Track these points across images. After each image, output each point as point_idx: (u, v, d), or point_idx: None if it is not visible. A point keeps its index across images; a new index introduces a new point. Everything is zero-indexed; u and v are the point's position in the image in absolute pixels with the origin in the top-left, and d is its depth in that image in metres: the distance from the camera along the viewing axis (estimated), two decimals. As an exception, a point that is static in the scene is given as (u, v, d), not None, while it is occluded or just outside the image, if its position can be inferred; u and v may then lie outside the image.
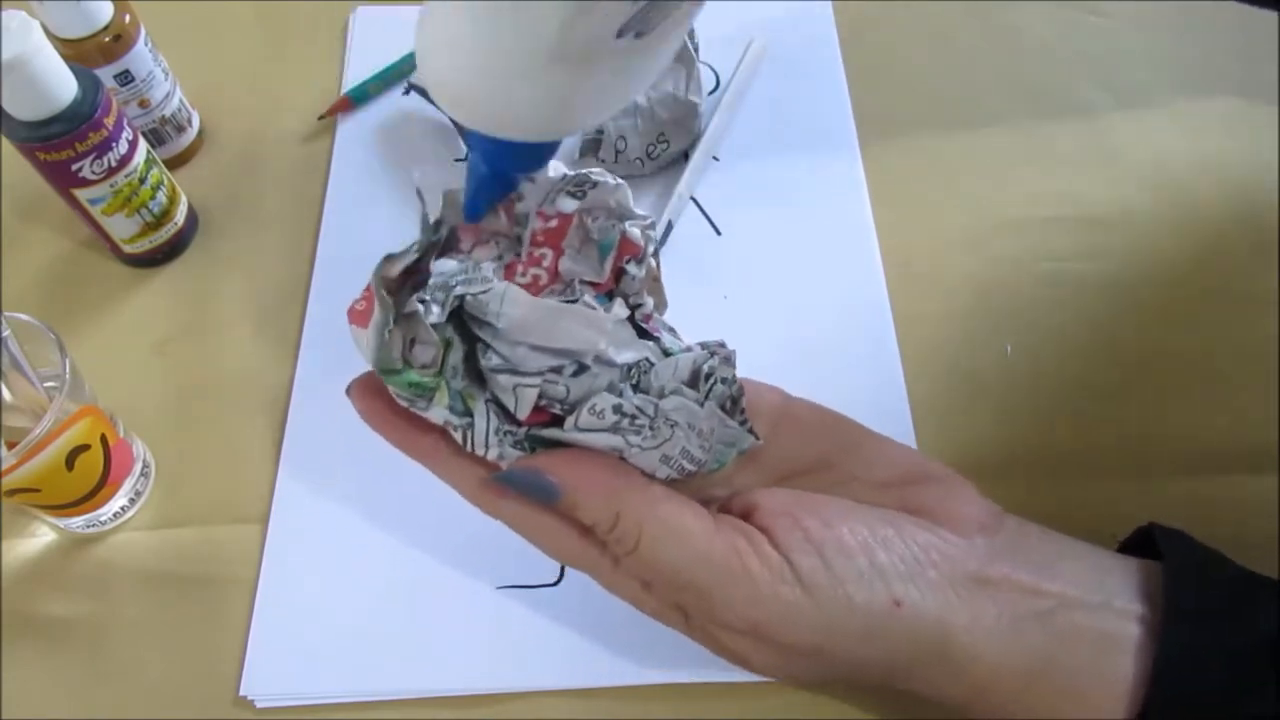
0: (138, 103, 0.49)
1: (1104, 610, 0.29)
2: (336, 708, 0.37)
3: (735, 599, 0.27)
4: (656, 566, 0.27)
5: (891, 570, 0.28)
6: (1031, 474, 0.41)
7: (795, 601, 0.27)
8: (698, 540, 0.27)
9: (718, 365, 0.29)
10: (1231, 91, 0.52)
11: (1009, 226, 0.49)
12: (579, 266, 0.29)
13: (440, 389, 0.27)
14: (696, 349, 0.30)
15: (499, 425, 0.27)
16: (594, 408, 0.27)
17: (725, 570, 0.27)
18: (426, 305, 0.27)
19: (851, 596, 0.27)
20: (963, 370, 0.44)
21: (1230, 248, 0.47)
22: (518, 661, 0.38)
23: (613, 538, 0.27)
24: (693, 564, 0.27)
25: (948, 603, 0.28)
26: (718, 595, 0.27)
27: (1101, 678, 0.28)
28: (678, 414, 0.27)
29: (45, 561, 0.41)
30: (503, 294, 0.27)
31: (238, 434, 0.44)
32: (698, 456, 0.28)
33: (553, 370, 0.27)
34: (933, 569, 0.28)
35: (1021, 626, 0.28)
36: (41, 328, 0.37)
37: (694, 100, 0.49)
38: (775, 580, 0.27)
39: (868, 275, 0.47)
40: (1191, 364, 0.44)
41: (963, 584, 0.28)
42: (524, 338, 0.27)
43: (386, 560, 0.40)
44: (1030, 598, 0.29)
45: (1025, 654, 0.28)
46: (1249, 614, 0.28)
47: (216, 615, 0.39)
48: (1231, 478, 0.41)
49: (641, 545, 0.27)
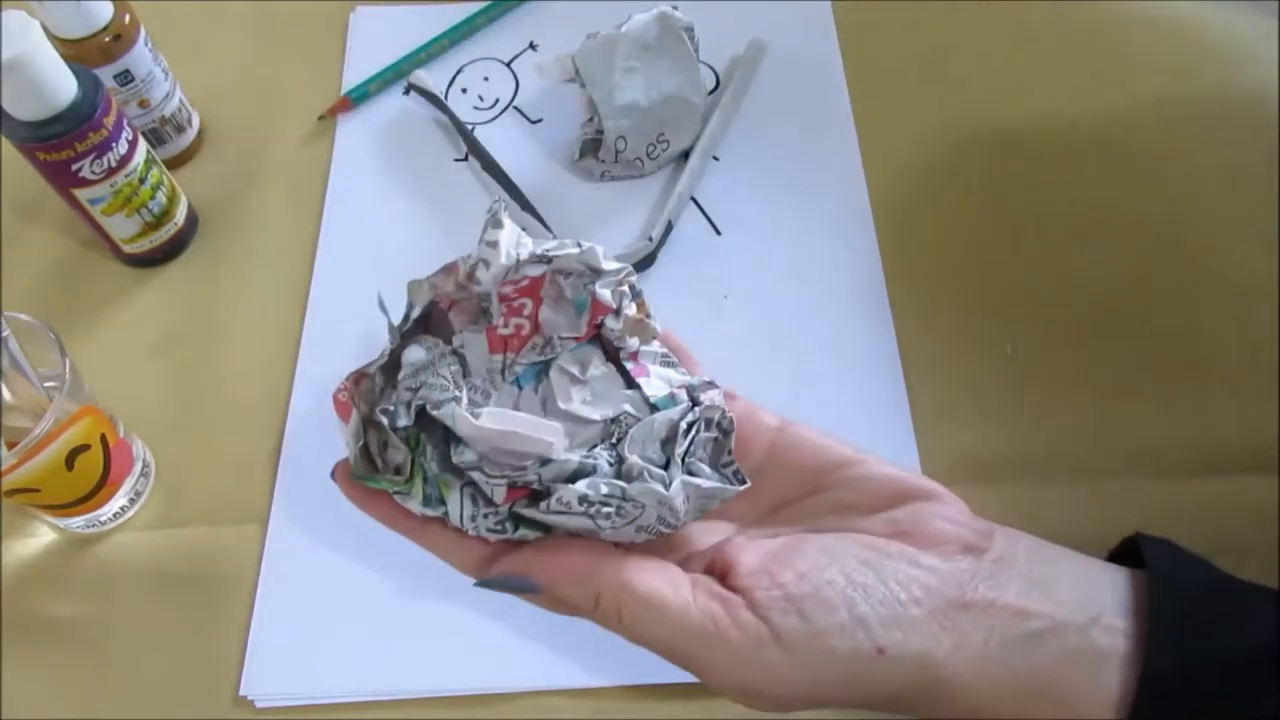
0: (138, 103, 0.49)
1: (1094, 627, 0.29)
2: (336, 708, 0.37)
3: (718, 664, 0.28)
4: (642, 640, 0.28)
5: (873, 618, 0.28)
6: (1031, 475, 0.41)
7: (776, 661, 0.27)
8: (674, 614, 0.28)
9: (700, 414, 0.30)
10: (1231, 90, 0.52)
11: (1010, 227, 0.49)
12: (558, 318, 0.30)
13: (415, 487, 0.28)
14: (682, 395, 0.30)
15: (474, 511, 0.29)
16: (560, 499, 0.27)
17: (705, 639, 0.27)
18: (393, 413, 0.28)
19: (834, 649, 0.27)
20: (963, 370, 0.44)
21: (1230, 247, 0.47)
22: (518, 661, 0.38)
23: (598, 615, 0.29)
24: (673, 636, 0.28)
25: (932, 636, 0.28)
26: (702, 661, 0.28)
27: (1094, 696, 0.28)
28: (644, 498, 0.28)
29: (45, 561, 0.41)
30: (452, 414, 0.27)
31: (238, 434, 0.44)
32: (672, 523, 0.29)
33: (517, 468, 0.28)
34: (915, 606, 0.28)
35: (1010, 650, 0.28)
36: (41, 328, 0.37)
37: (694, 100, 0.49)
38: (754, 645, 0.27)
39: (868, 275, 0.47)
40: (1192, 364, 0.44)
41: (947, 613, 0.28)
42: (481, 449, 0.28)
43: (386, 560, 0.40)
44: (1018, 620, 0.29)
45: (1016, 677, 0.28)
46: (1234, 623, 0.28)
47: (216, 615, 0.40)
48: (1231, 478, 0.41)
49: (624, 622, 0.28)
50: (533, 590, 0.29)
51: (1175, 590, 0.29)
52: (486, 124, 0.53)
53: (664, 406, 0.30)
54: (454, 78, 0.55)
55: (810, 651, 0.27)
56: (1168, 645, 0.27)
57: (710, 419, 0.30)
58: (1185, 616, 0.28)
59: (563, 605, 0.29)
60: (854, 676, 0.27)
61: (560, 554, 0.29)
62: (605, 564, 0.28)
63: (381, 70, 0.55)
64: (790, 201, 0.50)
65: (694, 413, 0.30)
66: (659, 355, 0.31)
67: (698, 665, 0.28)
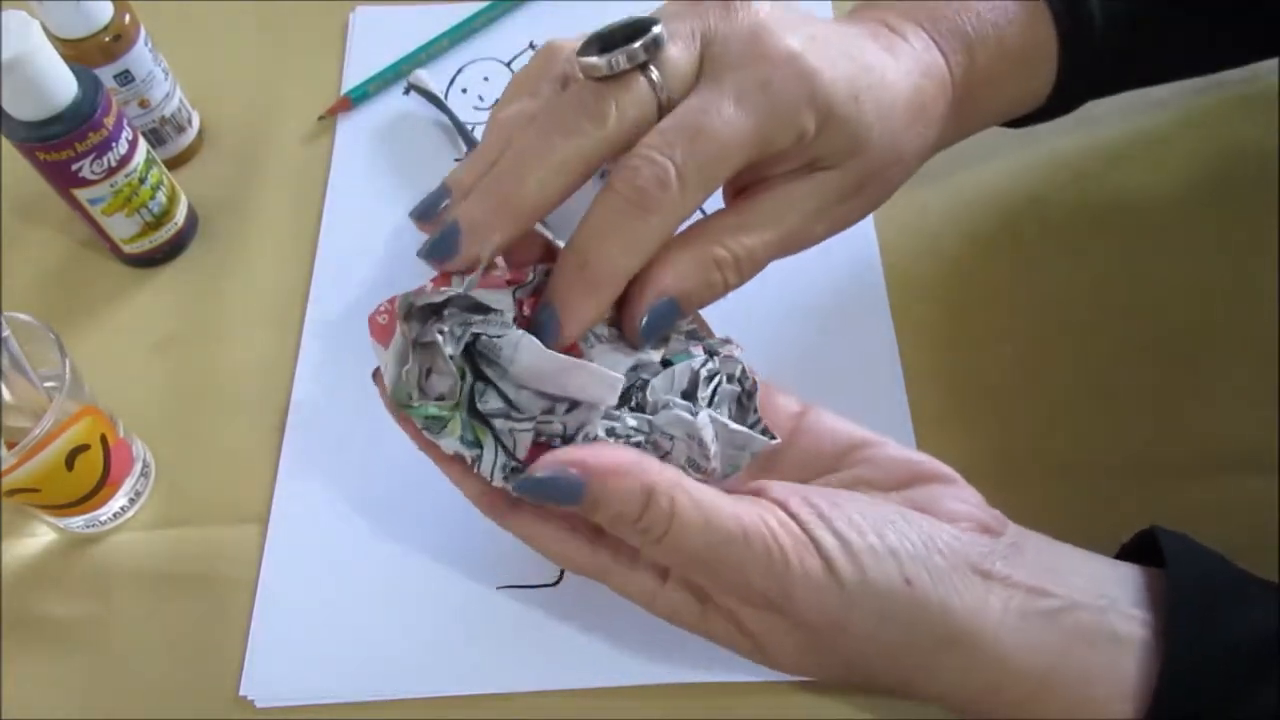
0: (138, 103, 0.49)
1: (1111, 612, 0.29)
2: (336, 708, 0.37)
3: (764, 571, 0.27)
4: (686, 546, 0.27)
5: (902, 551, 0.28)
6: (1032, 475, 0.41)
7: (818, 575, 0.27)
8: (726, 515, 0.27)
9: (720, 365, 0.29)
10: (1231, 91, 0.52)
11: (1009, 227, 0.48)
12: None
13: (454, 420, 0.28)
14: (698, 353, 0.30)
15: (505, 461, 0.28)
16: (588, 435, 0.27)
17: (754, 542, 0.27)
18: (445, 335, 0.27)
19: (866, 570, 0.27)
20: (963, 371, 0.44)
21: (1230, 247, 0.47)
22: (518, 661, 0.38)
23: (641, 525, 0.27)
24: (723, 541, 0.27)
25: (954, 588, 0.28)
26: (749, 568, 0.27)
27: (1112, 680, 0.28)
28: (672, 427, 0.27)
29: (45, 561, 0.41)
30: (517, 342, 0.27)
31: (238, 434, 0.44)
32: (703, 465, 0.29)
33: (546, 412, 0.28)
34: (939, 555, 0.28)
35: (1029, 623, 0.28)
36: (41, 328, 0.37)
37: (694, 100, 0.49)
38: (801, 550, 0.27)
39: (868, 275, 0.47)
40: (1191, 364, 0.44)
41: (967, 573, 0.29)
42: (531, 384, 0.27)
43: (386, 560, 0.40)
44: (1035, 596, 0.29)
45: (1033, 650, 0.28)
46: (1256, 615, 0.28)
47: (216, 615, 0.40)
48: (1231, 478, 0.41)
49: (674, 526, 0.27)
50: (576, 493, 0.27)
51: (1196, 581, 0.29)
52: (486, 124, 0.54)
53: (679, 361, 0.30)
54: (454, 78, 0.55)
55: (847, 571, 0.27)
56: (1190, 635, 0.27)
57: (731, 373, 0.30)
58: (1207, 608, 0.28)
59: (605, 512, 0.27)
60: (882, 610, 0.27)
61: (607, 449, 0.28)
62: (655, 463, 0.28)
63: (381, 70, 0.55)
64: (790, 201, 0.50)
65: (714, 362, 0.30)
66: (688, 329, 0.32)
67: (743, 572, 0.27)
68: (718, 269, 0.31)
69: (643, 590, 0.30)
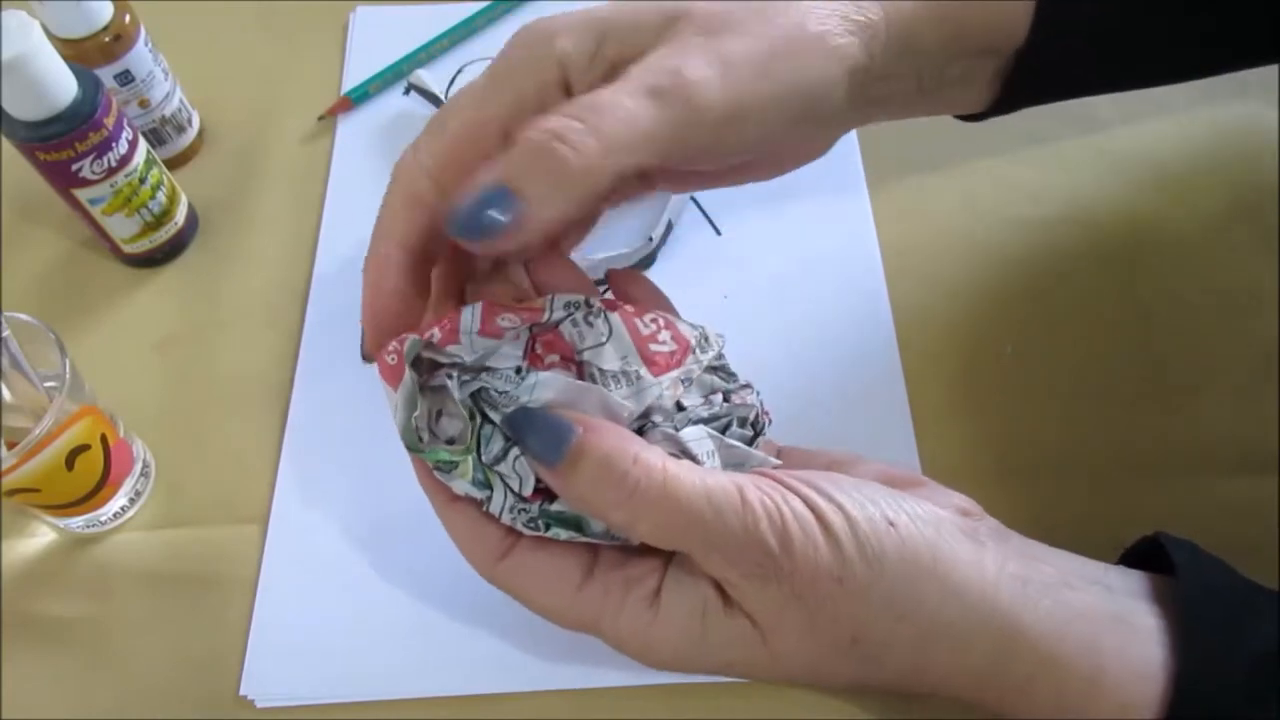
0: (138, 103, 0.49)
1: (1111, 595, 0.29)
2: (336, 708, 0.37)
3: (762, 526, 0.27)
4: (681, 502, 0.26)
5: (881, 499, 0.28)
6: (1032, 475, 0.41)
7: (813, 528, 0.27)
8: (720, 477, 0.27)
9: (731, 410, 0.30)
10: (1231, 92, 0.52)
11: (1009, 227, 0.48)
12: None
13: (465, 463, 0.28)
14: (717, 399, 0.30)
15: (514, 501, 0.28)
16: None
17: (750, 500, 0.27)
18: (453, 380, 0.28)
19: (853, 518, 0.27)
20: (963, 370, 0.44)
21: (1230, 248, 0.47)
22: (517, 661, 0.38)
23: (633, 476, 0.26)
24: (719, 496, 0.27)
25: (947, 541, 0.28)
26: (747, 524, 0.27)
27: (1124, 660, 0.28)
28: (666, 445, 0.28)
29: (45, 561, 0.41)
30: (533, 385, 0.27)
31: (238, 434, 0.44)
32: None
33: None
34: (921, 505, 0.29)
35: (1029, 589, 0.28)
36: (41, 328, 0.37)
37: (694, 100, 0.49)
38: (795, 505, 0.27)
39: (868, 275, 0.47)
40: (1191, 364, 0.44)
41: (958, 534, 0.29)
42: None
43: (386, 560, 0.40)
44: (1030, 563, 0.29)
45: (1036, 612, 0.28)
46: (1267, 629, 0.28)
47: (216, 615, 0.40)
48: (1231, 478, 0.41)
49: (668, 478, 0.26)
50: (568, 435, 0.26)
51: (1207, 591, 0.29)
52: (486, 124, 0.53)
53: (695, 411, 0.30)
54: (454, 78, 0.55)
55: (837, 521, 0.27)
56: (1205, 647, 0.27)
57: (744, 417, 0.30)
58: (1221, 619, 0.28)
59: (592, 456, 0.27)
60: (880, 558, 0.27)
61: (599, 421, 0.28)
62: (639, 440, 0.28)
63: (381, 70, 0.55)
64: (790, 201, 0.50)
65: (723, 407, 0.30)
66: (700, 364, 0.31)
67: (729, 534, 0.27)
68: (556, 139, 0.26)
69: (637, 624, 0.29)
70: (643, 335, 0.29)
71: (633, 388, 0.29)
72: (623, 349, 0.29)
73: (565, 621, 0.30)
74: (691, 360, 0.29)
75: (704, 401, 0.30)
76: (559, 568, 0.29)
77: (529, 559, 0.29)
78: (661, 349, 0.29)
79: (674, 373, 0.29)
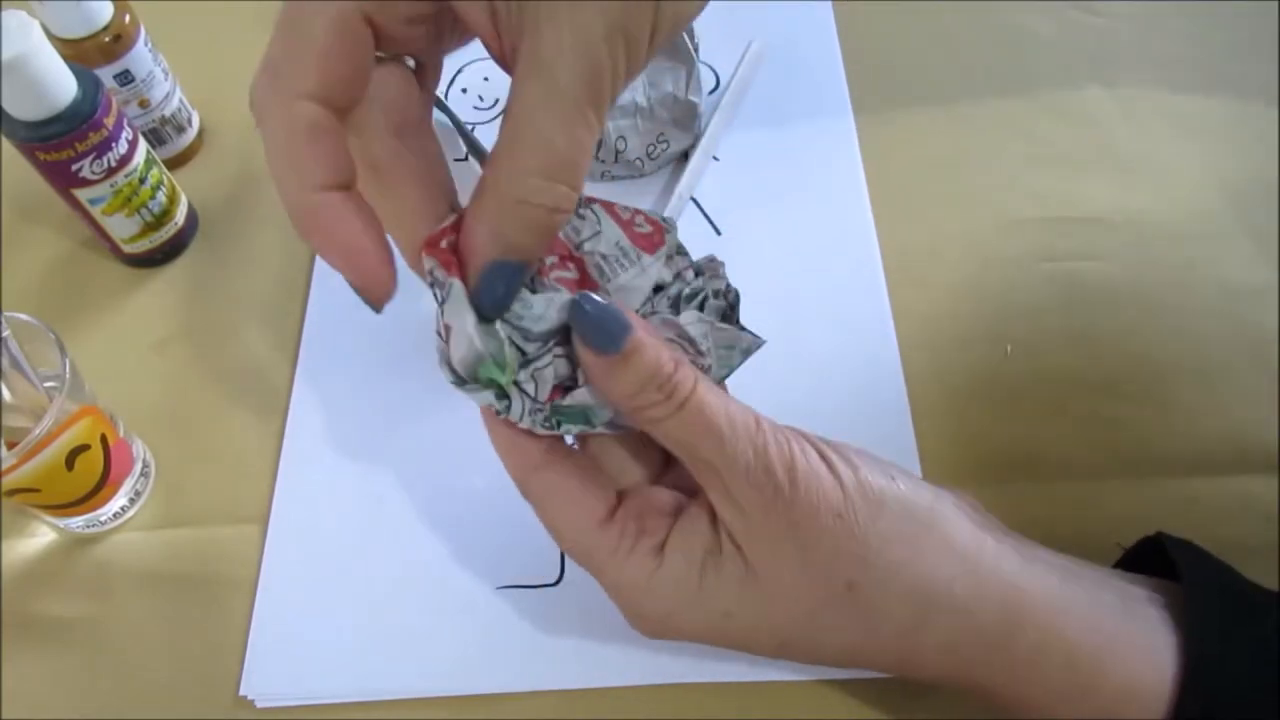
0: (138, 103, 0.49)
1: (1110, 580, 0.29)
2: (336, 708, 0.37)
3: (773, 449, 0.28)
4: (707, 413, 0.28)
5: (889, 464, 0.30)
6: (1032, 475, 0.41)
7: (818, 464, 0.28)
8: (741, 405, 0.29)
9: (705, 284, 0.31)
10: (1231, 92, 0.52)
11: (1009, 226, 0.49)
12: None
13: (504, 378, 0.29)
14: (688, 274, 0.31)
15: (531, 406, 0.29)
16: None
17: (764, 426, 0.28)
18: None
19: (857, 465, 0.29)
20: (963, 370, 0.44)
21: (1230, 247, 0.47)
22: (517, 661, 0.38)
23: (674, 380, 0.28)
24: (739, 416, 0.28)
25: (943, 501, 0.29)
26: (760, 442, 0.28)
27: (1129, 639, 0.28)
28: (663, 330, 0.29)
29: (45, 561, 0.41)
30: (539, 316, 0.28)
31: (238, 434, 0.44)
32: (699, 363, 0.30)
33: (560, 344, 0.29)
34: (924, 482, 0.30)
35: (1033, 566, 0.29)
36: (41, 328, 0.38)
37: (694, 100, 0.49)
38: (804, 444, 0.29)
39: (868, 275, 0.47)
40: (1191, 364, 0.44)
41: (958, 508, 0.30)
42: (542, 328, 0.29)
43: (386, 560, 0.40)
44: (1029, 546, 0.30)
45: (1043, 587, 0.28)
46: (1268, 632, 0.28)
47: (216, 615, 0.40)
48: (1231, 478, 0.41)
49: (698, 389, 0.28)
50: (624, 330, 0.27)
51: (1210, 591, 0.29)
52: (486, 124, 0.53)
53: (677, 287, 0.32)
54: (454, 78, 0.55)
55: (841, 467, 0.29)
56: (1210, 647, 0.27)
57: (717, 289, 0.31)
58: (1226, 620, 0.28)
59: (642, 359, 0.27)
60: (870, 498, 0.28)
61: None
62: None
63: (381, 70, 0.55)
64: (790, 201, 0.50)
65: (699, 280, 0.31)
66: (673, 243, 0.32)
67: (745, 446, 0.28)
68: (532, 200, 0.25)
69: (638, 573, 0.30)
70: (624, 220, 0.31)
71: (635, 268, 0.30)
72: (615, 235, 0.30)
73: (574, 550, 0.31)
74: (668, 239, 0.31)
75: (676, 278, 0.31)
76: (587, 498, 0.30)
77: (563, 479, 0.30)
78: (642, 230, 0.31)
79: (660, 250, 0.31)
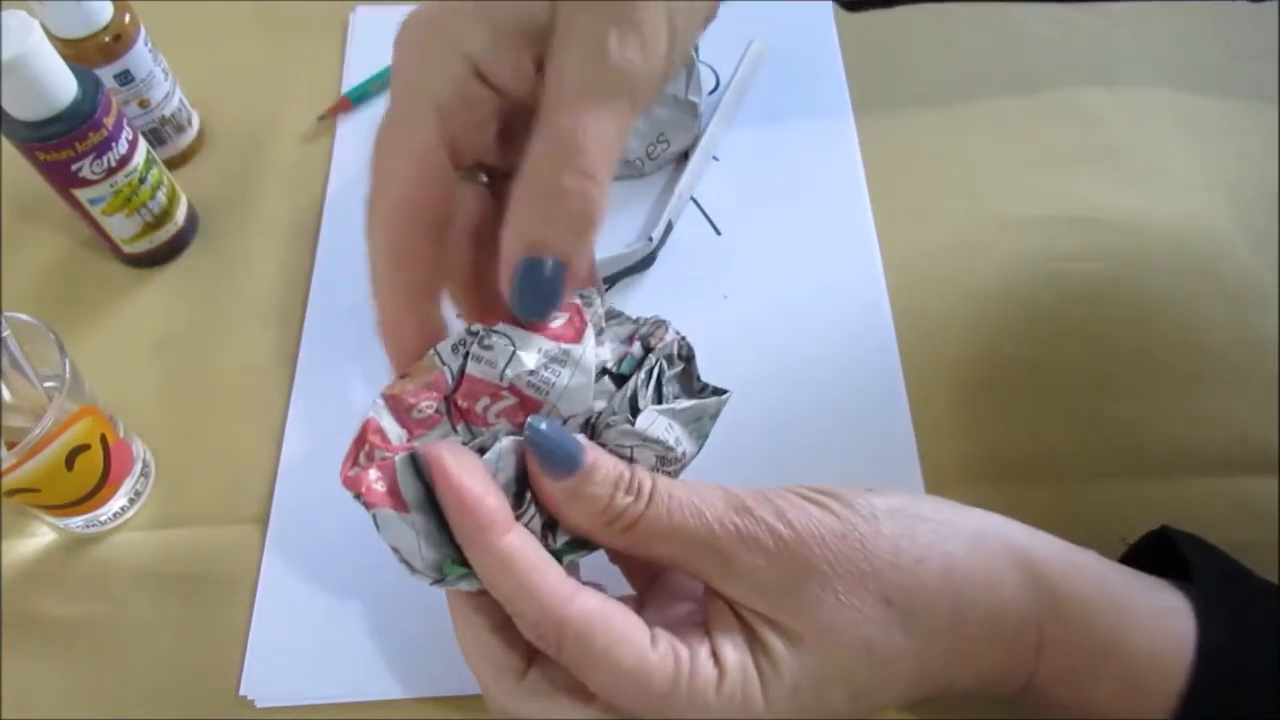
0: (138, 103, 0.49)
1: (1114, 572, 0.29)
2: (336, 708, 0.37)
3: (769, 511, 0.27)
4: (678, 495, 0.27)
5: (849, 487, 0.29)
6: (1032, 475, 0.41)
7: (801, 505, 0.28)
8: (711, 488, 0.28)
9: (656, 356, 0.30)
10: (1231, 92, 0.52)
11: (1009, 227, 0.49)
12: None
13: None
14: (637, 349, 0.30)
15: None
16: None
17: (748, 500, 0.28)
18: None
19: (832, 490, 0.28)
20: (963, 371, 0.44)
21: (1229, 248, 0.47)
22: (518, 662, 0.38)
23: (633, 489, 0.27)
24: (707, 489, 0.28)
25: (918, 495, 0.30)
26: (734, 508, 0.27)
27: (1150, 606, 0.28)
28: (625, 440, 0.28)
29: (45, 561, 0.41)
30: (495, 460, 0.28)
31: (238, 434, 0.44)
32: (673, 454, 0.29)
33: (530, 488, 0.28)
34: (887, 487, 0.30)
35: (1038, 539, 0.29)
36: (41, 328, 0.37)
37: (694, 100, 0.49)
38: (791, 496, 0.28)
39: (868, 275, 0.47)
40: (1191, 364, 0.44)
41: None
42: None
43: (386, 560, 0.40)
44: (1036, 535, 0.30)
45: (1051, 554, 0.29)
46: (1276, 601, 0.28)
47: (216, 615, 0.39)
48: (1231, 478, 0.41)
49: (659, 483, 0.28)
50: (577, 456, 0.27)
51: (1218, 574, 0.29)
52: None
53: (629, 369, 0.30)
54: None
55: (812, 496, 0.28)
56: (1222, 637, 0.28)
57: (670, 355, 0.30)
58: (1236, 610, 0.28)
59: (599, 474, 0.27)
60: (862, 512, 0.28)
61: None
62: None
63: (381, 70, 0.55)
64: (790, 201, 0.50)
65: (650, 359, 0.30)
66: (599, 315, 0.31)
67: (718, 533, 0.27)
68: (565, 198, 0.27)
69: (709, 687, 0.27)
70: (536, 325, 0.29)
71: (568, 367, 0.28)
72: (532, 344, 0.28)
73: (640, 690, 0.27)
74: (590, 315, 0.30)
75: (624, 354, 0.30)
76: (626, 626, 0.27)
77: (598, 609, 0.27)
78: (558, 323, 0.29)
79: (587, 331, 0.29)
